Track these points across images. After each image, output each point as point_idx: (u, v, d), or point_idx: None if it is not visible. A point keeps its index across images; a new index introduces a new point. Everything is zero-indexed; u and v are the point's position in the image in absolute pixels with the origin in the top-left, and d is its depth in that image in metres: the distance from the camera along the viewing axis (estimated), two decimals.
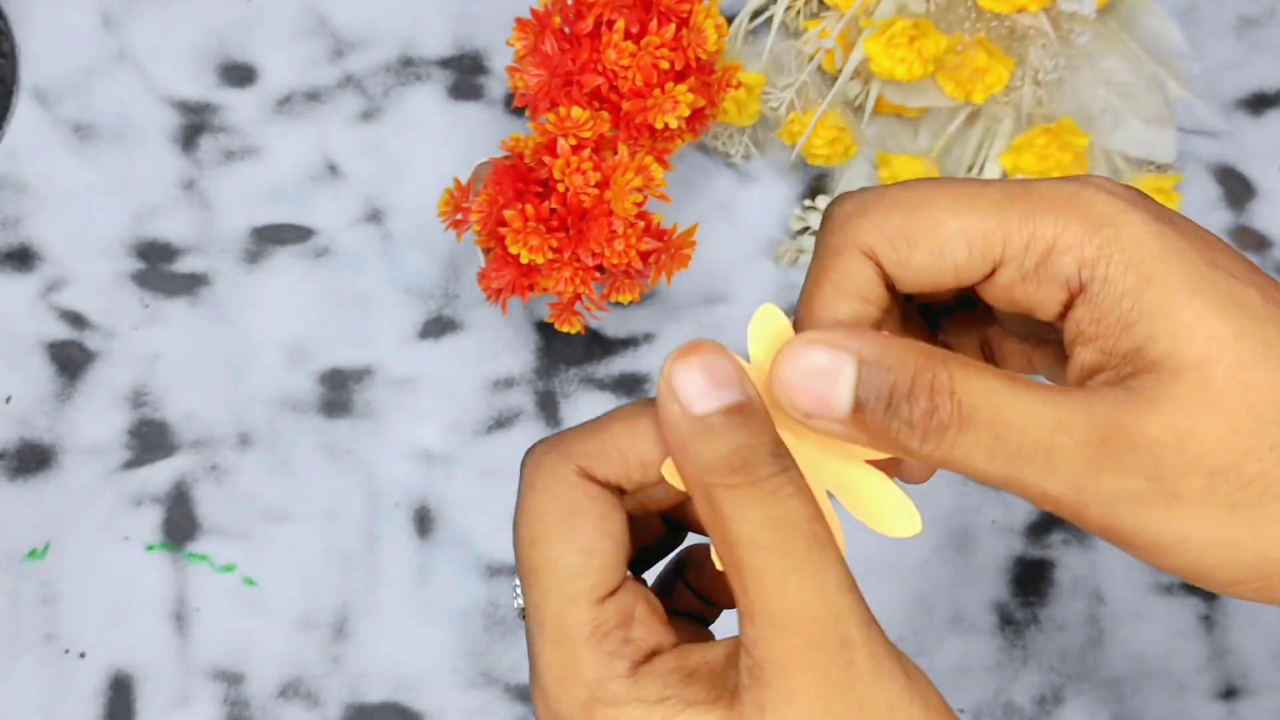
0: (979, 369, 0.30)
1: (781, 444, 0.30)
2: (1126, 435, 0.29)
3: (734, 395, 0.30)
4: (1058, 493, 0.29)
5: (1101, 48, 0.70)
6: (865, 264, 0.31)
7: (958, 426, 0.29)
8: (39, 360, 0.71)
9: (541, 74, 0.63)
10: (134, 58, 0.74)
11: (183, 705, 0.68)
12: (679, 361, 0.30)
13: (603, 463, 0.32)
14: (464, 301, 0.72)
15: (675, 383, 0.30)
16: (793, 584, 0.29)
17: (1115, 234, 0.30)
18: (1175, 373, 0.29)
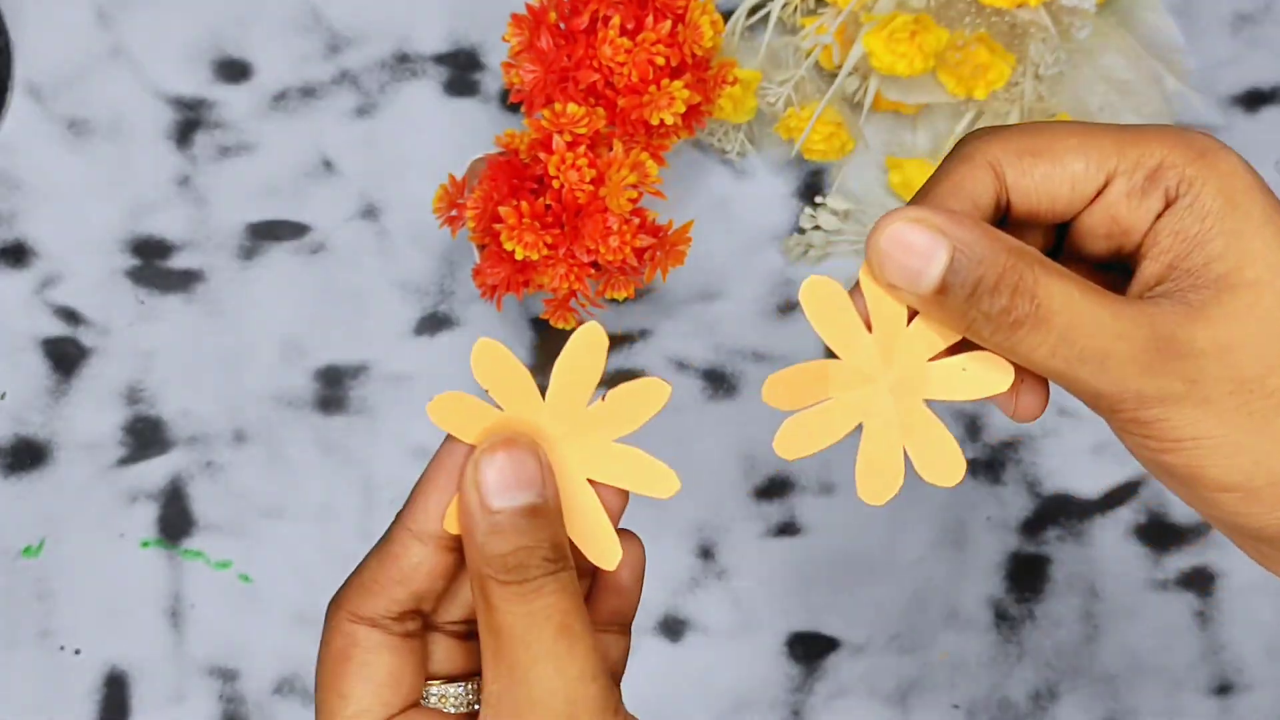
0: (1061, 274, 0.32)
1: (560, 545, 0.33)
2: (1176, 346, 0.32)
3: (529, 497, 0.33)
4: (1105, 389, 0.32)
5: (1101, 43, 0.70)
6: (987, 174, 0.34)
7: (1031, 325, 0.32)
8: (34, 357, 0.71)
9: (537, 70, 0.63)
10: (129, 54, 0.74)
11: (178, 702, 0.68)
12: (488, 453, 0.33)
13: (368, 601, 0.35)
14: (459, 298, 0.72)
15: (480, 472, 0.33)
16: (535, 673, 0.32)
17: (1214, 161, 0.34)
18: (1233, 289, 0.33)
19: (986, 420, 0.72)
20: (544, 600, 0.33)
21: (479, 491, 0.33)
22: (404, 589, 0.36)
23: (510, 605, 0.33)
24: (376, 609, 0.36)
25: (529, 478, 0.33)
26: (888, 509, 0.71)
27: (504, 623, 0.33)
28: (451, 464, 0.35)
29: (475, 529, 0.33)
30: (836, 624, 0.70)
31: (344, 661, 0.35)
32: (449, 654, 0.37)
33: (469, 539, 0.33)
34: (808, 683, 0.69)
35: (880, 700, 0.70)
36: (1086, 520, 0.71)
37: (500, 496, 0.33)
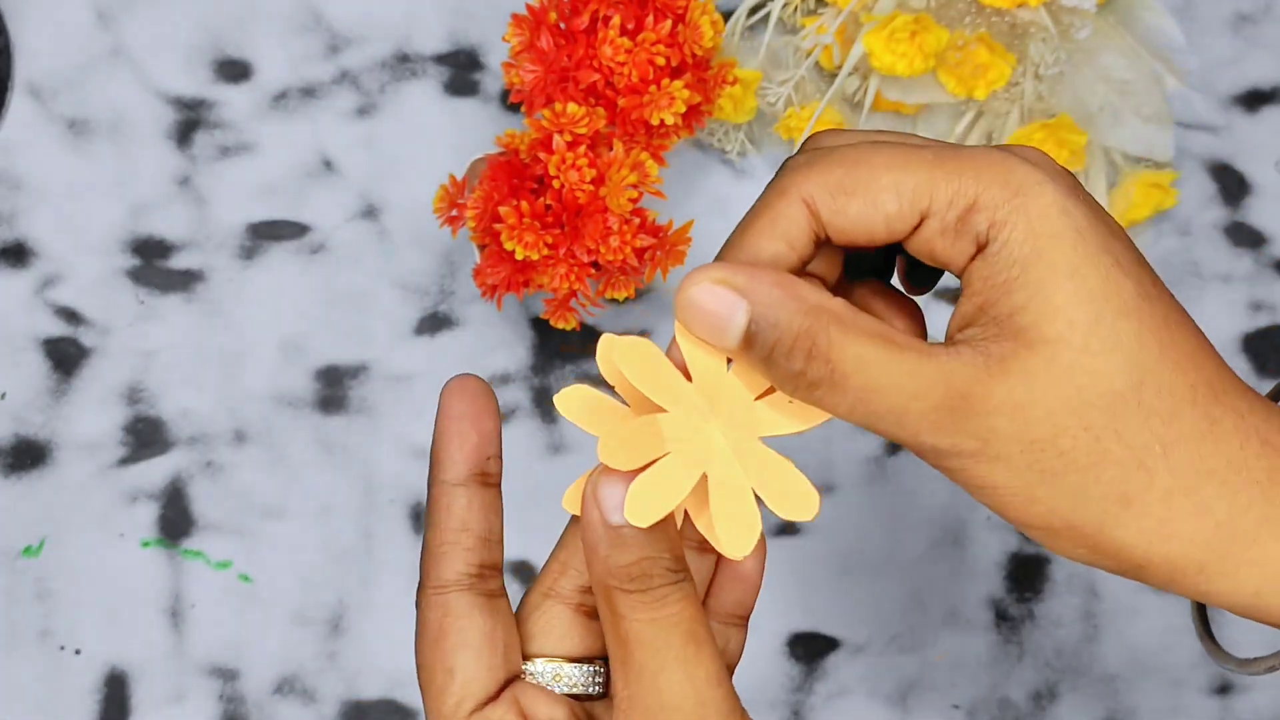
0: (859, 333, 0.33)
1: (680, 559, 0.34)
2: (971, 403, 0.33)
3: None
4: (904, 441, 0.34)
5: (1101, 43, 0.70)
6: (801, 210, 0.35)
7: (827, 387, 0.33)
8: (34, 357, 0.71)
9: (537, 70, 0.63)
10: (129, 53, 0.74)
11: (178, 702, 0.68)
12: (605, 475, 0.35)
13: (442, 565, 0.37)
14: (459, 298, 0.72)
15: (599, 493, 0.35)
16: (664, 677, 0.33)
17: (1025, 202, 0.33)
18: (1031, 345, 0.33)
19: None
20: (670, 609, 0.34)
21: (600, 508, 0.34)
22: (469, 536, 0.37)
23: (637, 613, 0.34)
24: (455, 569, 0.37)
25: None
26: (888, 509, 0.71)
27: (631, 630, 0.34)
28: (459, 411, 0.37)
29: (598, 543, 0.34)
30: (836, 624, 0.70)
31: (441, 637, 0.36)
32: (570, 630, 0.38)
33: (592, 553, 0.35)
34: (808, 683, 0.69)
35: (880, 700, 0.70)
36: None
37: (620, 513, 0.34)
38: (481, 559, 0.38)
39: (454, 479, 0.38)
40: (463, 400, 0.38)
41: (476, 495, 0.38)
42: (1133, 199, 0.71)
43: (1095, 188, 0.71)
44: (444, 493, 0.38)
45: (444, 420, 0.38)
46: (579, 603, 0.38)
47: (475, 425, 0.38)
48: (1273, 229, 0.75)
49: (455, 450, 0.37)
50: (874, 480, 0.71)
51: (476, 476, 0.38)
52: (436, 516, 0.38)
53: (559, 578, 0.38)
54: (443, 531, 0.37)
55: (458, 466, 0.37)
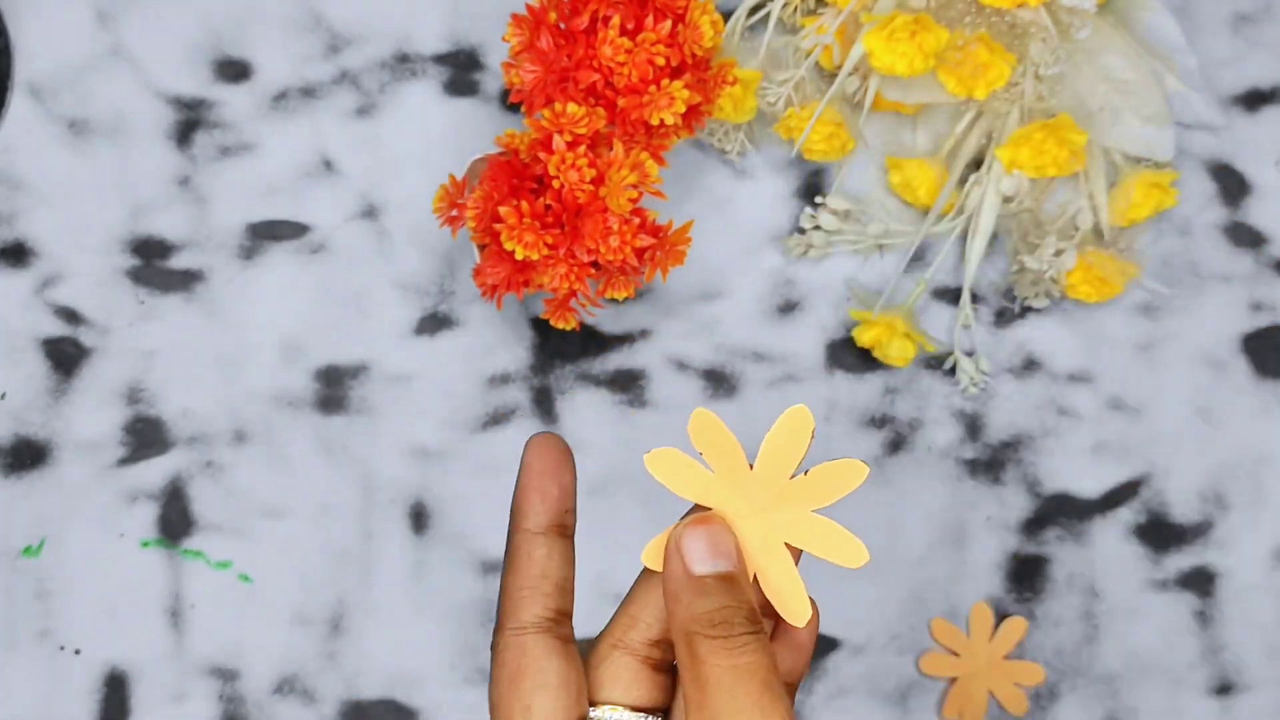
0: None
1: (756, 611, 0.37)
2: None
3: (727, 565, 0.37)
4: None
5: (1101, 44, 0.70)
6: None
7: None
8: (34, 356, 0.71)
9: (537, 70, 0.63)
10: (129, 54, 0.74)
11: (178, 702, 0.68)
12: (690, 528, 0.37)
13: (522, 609, 0.40)
14: (459, 298, 0.72)
15: (683, 544, 0.37)
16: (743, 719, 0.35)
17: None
18: None
19: (986, 420, 0.72)
20: (749, 657, 0.36)
21: (684, 560, 0.37)
22: (548, 582, 0.40)
23: (717, 659, 0.36)
24: (534, 613, 0.39)
25: (726, 550, 0.37)
26: (888, 509, 0.71)
27: (711, 675, 0.36)
28: (541, 467, 0.41)
29: (682, 590, 0.37)
30: (836, 624, 0.70)
31: (519, 676, 0.39)
32: (636, 680, 0.40)
33: (675, 601, 0.37)
34: (808, 683, 0.69)
35: (880, 700, 0.70)
36: (1086, 520, 0.71)
37: (702, 564, 0.37)
38: (558, 605, 0.40)
39: (536, 528, 0.40)
40: (545, 456, 0.41)
41: (556, 545, 0.40)
42: (1133, 199, 0.70)
43: (1095, 188, 0.71)
44: (526, 540, 0.40)
45: (527, 474, 0.41)
46: (645, 655, 0.40)
47: (556, 479, 0.41)
48: (1273, 229, 0.75)
49: (538, 502, 0.40)
50: (874, 480, 0.71)
51: (555, 528, 0.40)
52: (518, 562, 0.40)
53: (628, 630, 0.40)
54: (524, 577, 0.40)
55: (540, 516, 0.40)
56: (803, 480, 0.38)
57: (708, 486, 0.38)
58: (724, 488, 0.38)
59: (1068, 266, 0.70)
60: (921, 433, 0.72)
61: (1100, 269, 0.70)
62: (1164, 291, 0.73)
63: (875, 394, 0.72)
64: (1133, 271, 0.71)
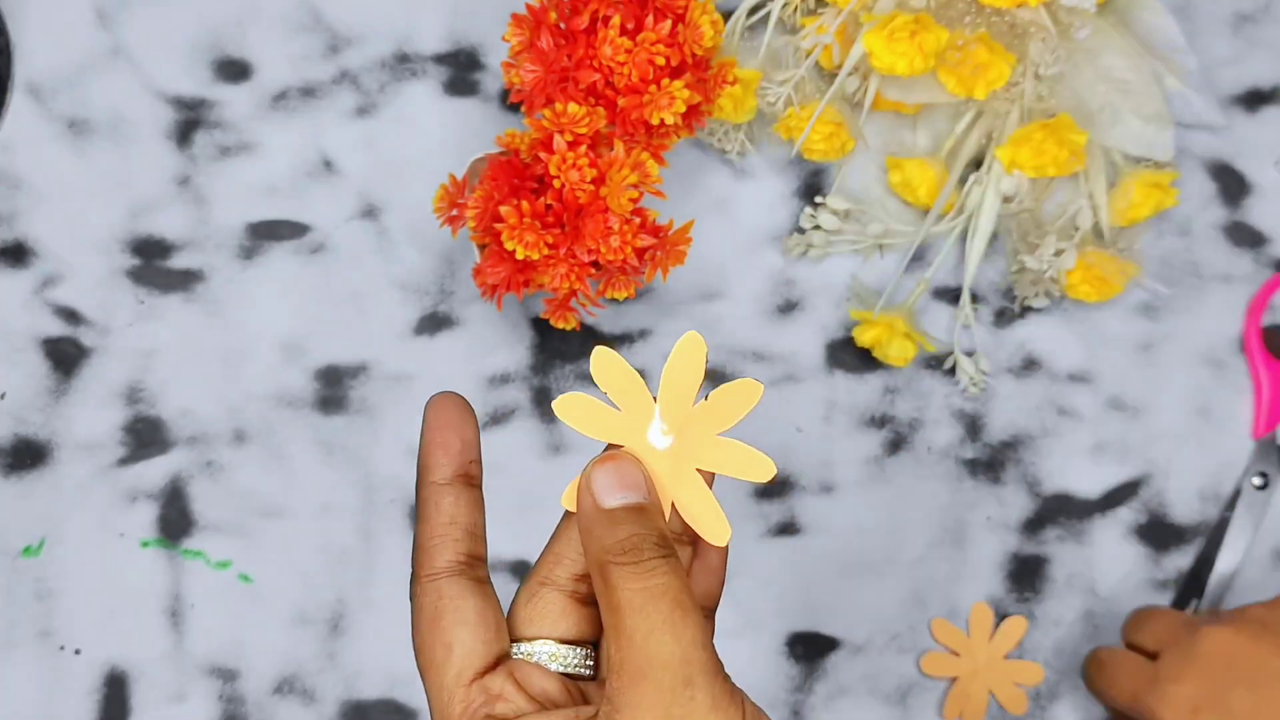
0: None
1: (666, 538, 0.38)
2: None
3: (636, 497, 0.39)
4: None
5: (1101, 44, 0.70)
6: None
7: None
8: (34, 356, 0.71)
9: (537, 70, 0.63)
10: (129, 53, 0.74)
11: (178, 702, 0.68)
12: (599, 465, 0.39)
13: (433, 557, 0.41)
14: (459, 298, 0.72)
15: (593, 481, 0.39)
16: (654, 639, 0.37)
17: None
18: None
19: (986, 420, 0.72)
20: (658, 579, 0.38)
21: (594, 494, 0.39)
22: (457, 528, 0.41)
23: (628, 583, 0.37)
24: (446, 558, 0.41)
25: (635, 482, 0.39)
26: (888, 509, 0.71)
27: (623, 599, 0.37)
28: (441, 422, 0.42)
29: (593, 524, 0.39)
30: (836, 624, 0.70)
31: (438, 617, 0.40)
32: (563, 614, 0.41)
33: (588, 535, 0.39)
34: (808, 683, 0.69)
35: (880, 700, 0.70)
36: (1086, 520, 0.71)
37: (611, 497, 0.39)
38: (469, 549, 0.41)
39: (441, 479, 0.42)
40: (445, 411, 0.42)
41: (463, 494, 0.42)
42: (1133, 199, 0.70)
43: (1095, 187, 0.71)
44: (433, 492, 0.42)
45: (429, 430, 0.42)
46: (572, 590, 0.41)
47: (458, 433, 0.42)
48: (1273, 229, 0.75)
49: (441, 455, 0.42)
50: (874, 480, 0.71)
51: (461, 478, 0.42)
52: (427, 512, 0.41)
53: (554, 567, 0.41)
54: (433, 526, 0.41)
55: (444, 468, 0.42)
56: (704, 406, 0.40)
57: (616, 425, 0.39)
58: (631, 424, 0.39)
59: (1068, 266, 0.70)
60: (921, 433, 0.72)
61: (1100, 269, 0.70)
62: (1164, 291, 0.73)
63: (875, 394, 0.72)
64: (1133, 271, 0.71)
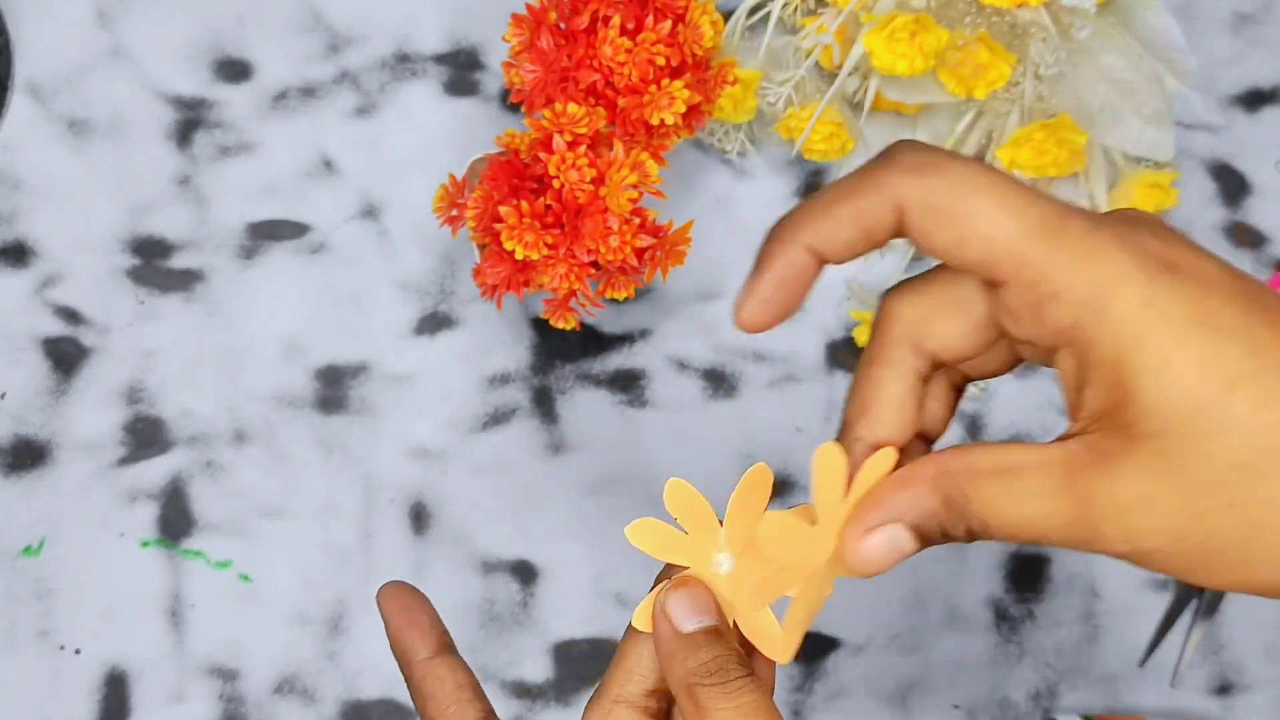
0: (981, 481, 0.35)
1: (744, 658, 0.39)
2: (1101, 511, 0.33)
3: (710, 619, 0.39)
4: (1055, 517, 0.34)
5: (1101, 44, 0.70)
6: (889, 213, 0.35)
7: (984, 533, 0.35)
8: (34, 356, 0.71)
9: (537, 70, 0.63)
10: (129, 53, 0.74)
11: (178, 702, 0.68)
12: (671, 592, 0.40)
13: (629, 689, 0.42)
14: (459, 298, 0.72)
15: (668, 607, 0.40)
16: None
17: (1109, 304, 0.33)
18: (1136, 441, 0.33)
19: (986, 420, 0.72)
20: (748, 697, 0.38)
21: (671, 621, 0.39)
22: (466, 691, 0.43)
23: (719, 704, 0.38)
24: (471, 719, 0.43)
25: (708, 606, 0.40)
26: None
27: (717, 718, 0.38)
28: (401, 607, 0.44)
29: (675, 649, 0.39)
30: (836, 624, 0.70)
31: None
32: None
33: (669, 659, 0.39)
34: (808, 683, 0.69)
35: (880, 700, 0.70)
36: None
37: (688, 622, 0.39)
38: (483, 708, 0.43)
39: (428, 655, 0.44)
40: (400, 598, 0.44)
41: (454, 661, 0.44)
42: (1133, 199, 0.71)
43: (1095, 188, 0.71)
44: (428, 669, 0.43)
45: (394, 617, 0.44)
46: (644, 706, 0.42)
47: (423, 612, 0.44)
48: (1273, 229, 0.75)
49: (416, 635, 0.44)
50: None
51: (440, 648, 0.44)
52: (431, 688, 0.43)
53: (624, 685, 0.42)
54: (444, 699, 0.43)
55: (426, 646, 0.44)
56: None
57: (684, 548, 0.41)
58: (698, 548, 0.40)
59: None
60: None
61: None
62: None
63: None
64: None
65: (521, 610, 0.69)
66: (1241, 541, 0.33)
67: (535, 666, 0.68)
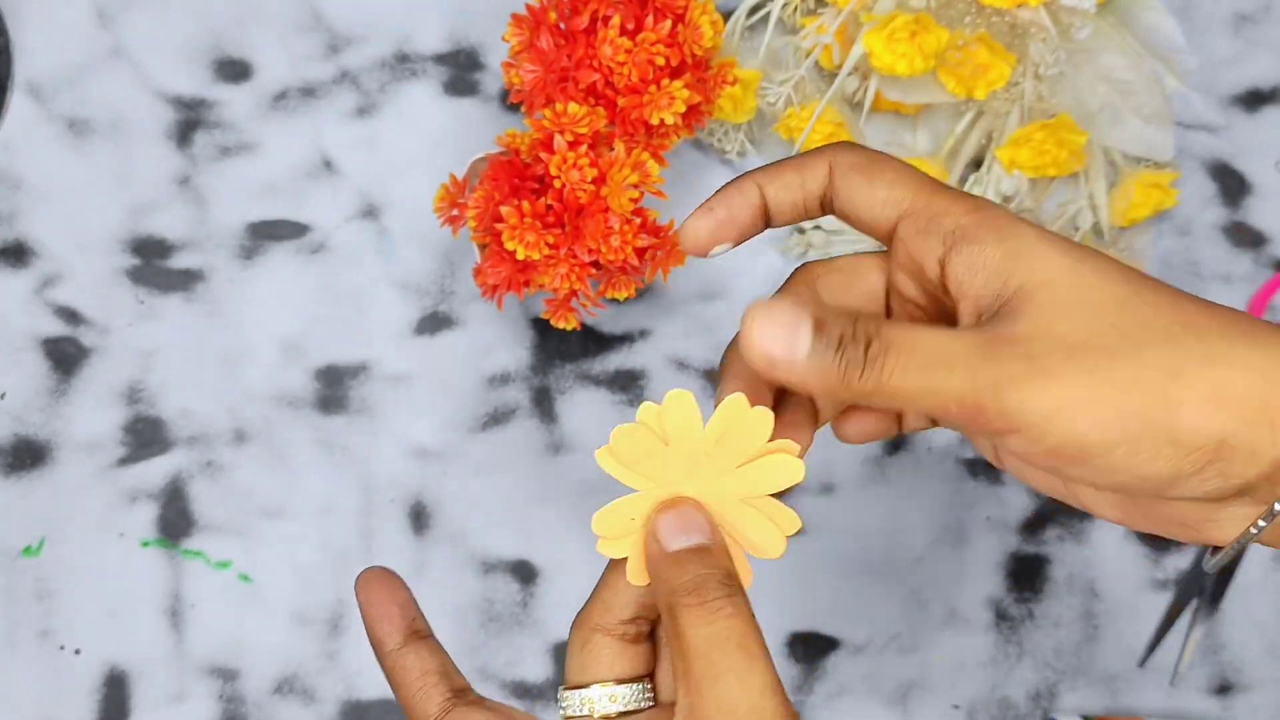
0: (895, 320, 0.40)
1: (732, 575, 0.40)
2: (1003, 338, 0.37)
3: (700, 538, 0.40)
4: (959, 389, 0.37)
5: (1101, 44, 0.70)
6: (824, 168, 0.43)
7: (884, 354, 0.37)
8: (34, 356, 0.71)
9: (537, 70, 0.63)
10: (129, 53, 0.74)
11: (178, 702, 0.68)
12: (663, 514, 0.40)
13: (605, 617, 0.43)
14: (459, 298, 0.72)
15: (658, 527, 0.40)
16: (720, 685, 0.38)
17: (989, 210, 0.40)
18: (1030, 292, 0.38)
19: None
20: (724, 622, 0.38)
21: (659, 540, 0.40)
22: (433, 676, 0.44)
23: (696, 628, 0.38)
24: (434, 706, 0.43)
25: (698, 525, 0.40)
26: (888, 509, 0.71)
27: (691, 644, 0.38)
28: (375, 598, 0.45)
29: (660, 568, 0.40)
30: (836, 624, 0.70)
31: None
32: (618, 656, 0.42)
33: (656, 579, 0.40)
34: (808, 683, 0.69)
35: (880, 700, 0.70)
36: (1086, 520, 0.71)
37: (675, 540, 0.40)
38: (450, 686, 0.44)
39: (395, 646, 0.44)
40: (373, 587, 0.45)
41: (421, 648, 0.44)
42: (1133, 199, 0.71)
43: (1095, 188, 0.71)
44: (395, 659, 0.44)
45: (366, 608, 0.45)
46: (621, 633, 0.42)
47: (393, 600, 0.45)
48: (1273, 229, 0.75)
49: (386, 625, 0.45)
50: (874, 480, 0.71)
51: (411, 637, 0.44)
52: (399, 678, 0.44)
53: (602, 615, 0.42)
54: (411, 686, 0.44)
55: (394, 637, 0.44)
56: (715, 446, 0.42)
57: (665, 467, 0.41)
58: (680, 466, 0.41)
59: None
60: (921, 433, 0.72)
61: None
62: None
63: None
64: None
65: (521, 610, 0.69)
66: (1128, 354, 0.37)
67: (535, 666, 0.68)
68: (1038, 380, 0.36)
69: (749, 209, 0.43)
